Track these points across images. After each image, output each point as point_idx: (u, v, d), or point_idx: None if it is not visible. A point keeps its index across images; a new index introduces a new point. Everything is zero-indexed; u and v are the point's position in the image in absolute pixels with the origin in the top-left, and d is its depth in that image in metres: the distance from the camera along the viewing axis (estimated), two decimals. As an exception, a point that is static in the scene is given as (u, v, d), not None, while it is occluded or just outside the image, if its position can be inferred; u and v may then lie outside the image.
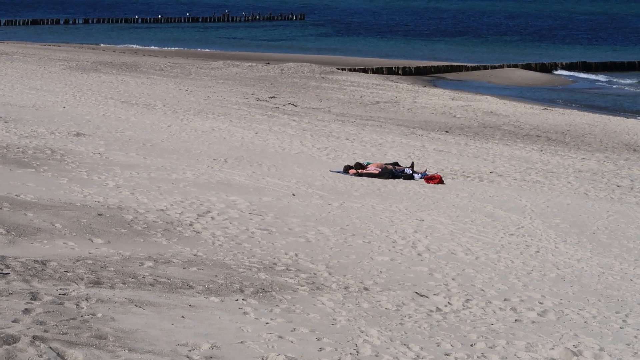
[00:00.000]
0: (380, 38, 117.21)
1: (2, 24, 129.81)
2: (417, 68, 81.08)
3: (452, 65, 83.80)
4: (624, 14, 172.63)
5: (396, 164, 32.86)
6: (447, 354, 14.93)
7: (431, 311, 17.05)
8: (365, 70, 78.45)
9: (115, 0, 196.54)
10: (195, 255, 19.18)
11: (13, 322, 13.83)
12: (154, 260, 18.34)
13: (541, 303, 18.23)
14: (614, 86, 76.16)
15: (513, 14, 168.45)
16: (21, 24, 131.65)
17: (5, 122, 35.83)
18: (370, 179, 30.97)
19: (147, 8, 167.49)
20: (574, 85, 76.75)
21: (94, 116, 40.73)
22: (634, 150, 43.35)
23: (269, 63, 79.40)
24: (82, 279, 16.47)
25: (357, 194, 28.08)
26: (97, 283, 16.35)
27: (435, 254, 21.39)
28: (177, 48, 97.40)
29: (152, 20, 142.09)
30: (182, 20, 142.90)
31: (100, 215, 21.67)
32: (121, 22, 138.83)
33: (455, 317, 16.86)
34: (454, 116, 52.40)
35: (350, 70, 78.05)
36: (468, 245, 22.51)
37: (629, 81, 79.00)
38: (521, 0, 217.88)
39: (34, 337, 13.18)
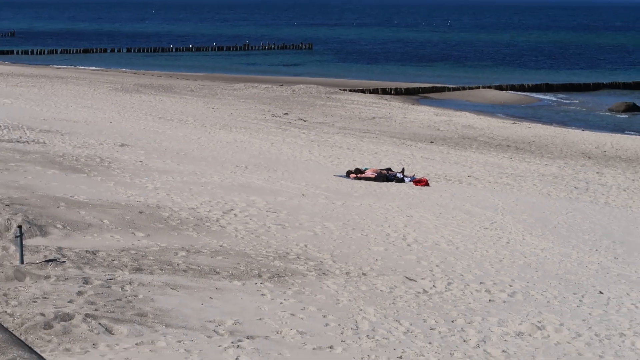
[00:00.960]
0: (376, 64, 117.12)
1: (58, 52, 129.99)
2: (407, 89, 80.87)
3: (436, 87, 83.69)
4: (579, 42, 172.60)
5: (389, 169, 32.88)
6: (432, 329, 14.97)
7: (419, 293, 17.09)
8: (363, 91, 78.26)
9: (152, 32, 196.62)
10: (221, 246, 19.24)
11: (69, 302, 13.90)
12: (187, 251, 18.40)
13: (511, 286, 18.27)
14: (572, 104, 76.08)
15: (487, 43, 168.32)
16: (74, 52, 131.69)
17: (62, 135, 35.93)
18: (367, 182, 31.00)
19: (180, 39, 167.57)
20: (538, 103, 76.63)
21: (136, 130, 40.82)
22: (589, 157, 43.34)
23: (282, 85, 79.34)
24: (126, 266, 16.53)
25: (356, 194, 28.12)
26: (138, 269, 16.41)
27: (422, 244, 21.43)
28: (205, 73, 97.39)
29: (184, 49, 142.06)
30: (210, 49, 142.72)
31: (141, 212, 21.74)
32: (158, 51, 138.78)
33: (439, 298, 16.90)
34: (438, 129, 52.41)
35: (350, 90, 77.92)
36: (450, 237, 22.54)
37: (584, 99, 79.01)
38: (493, 32, 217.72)
39: (86, 315, 13.23)
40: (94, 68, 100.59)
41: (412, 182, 31.28)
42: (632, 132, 57.43)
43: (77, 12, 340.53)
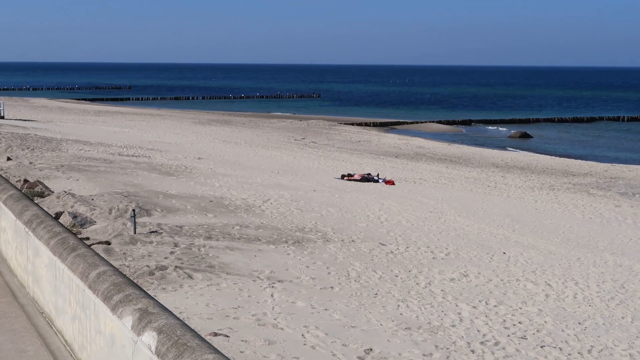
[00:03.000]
0: (360, 106, 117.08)
1: (158, 99, 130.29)
2: (381, 122, 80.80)
3: (399, 121, 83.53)
4: (487, 93, 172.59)
5: (369, 174, 32.89)
6: (396, 276, 14.97)
7: (388, 253, 17.09)
8: (352, 124, 78.21)
9: (217, 86, 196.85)
10: (261, 222, 19.25)
11: (164, 258, 13.92)
12: (240, 226, 18.41)
13: (447, 248, 18.26)
14: (485, 132, 75.94)
15: (431, 93, 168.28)
16: (168, 99, 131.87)
17: (160, 151, 36.00)
18: (355, 182, 31.01)
19: (235, 90, 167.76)
20: (463, 132, 76.50)
21: (208, 148, 40.88)
22: (497, 167, 43.29)
23: (301, 120, 79.37)
24: (201, 235, 16.55)
25: (348, 190, 28.12)
26: (209, 238, 16.43)
27: (390, 222, 21.43)
28: (251, 112, 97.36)
29: (238, 97, 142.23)
30: (254, 97, 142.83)
31: (211, 201, 21.76)
32: (222, 98, 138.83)
33: (401, 256, 16.89)
34: (400, 149, 52.39)
35: (345, 124, 77.90)
36: (408, 217, 22.53)
37: (492, 129, 78.95)
38: (435, 86, 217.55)
39: (176, 267, 13.25)
40: (180, 109, 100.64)
41: (384, 182, 31.27)
42: (524, 151, 57.33)
43: (170, 74, 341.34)
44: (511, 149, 59.52)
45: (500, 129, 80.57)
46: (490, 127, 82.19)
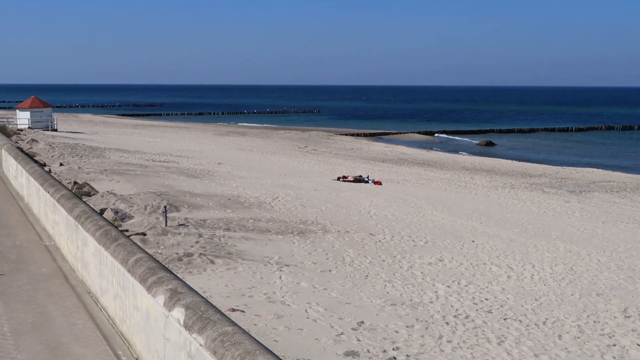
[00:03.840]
0: (352, 120, 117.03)
1: (185, 114, 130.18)
2: (370, 133, 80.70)
3: (385, 132, 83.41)
4: (457, 108, 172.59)
5: (360, 176, 32.86)
6: (383, 261, 14.95)
7: (376, 242, 17.07)
8: (346, 134, 78.10)
9: (233, 103, 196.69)
10: (271, 217, 19.23)
11: (190, 247, 13.90)
12: (253, 219, 18.40)
13: (425, 237, 18.23)
14: (456, 141, 75.88)
15: (411, 109, 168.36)
16: (193, 114, 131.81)
17: (187, 158, 35.97)
18: (349, 182, 30.98)
19: (248, 106, 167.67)
20: (438, 140, 76.44)
21: (226, 155, 40.84)
22: (466, 169, 43.25)
23: (304, 131, 79.25)
24: (221, 227, 16.53)
25: (343, 189, 28.09)
26: (228, 229, 16.41)
27: (378, 216, 21.41)
28: (263, 124, 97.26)
29: (251, 112, 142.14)
30: (265, 112, 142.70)
31: (229, 199, 21.74)
32: (238, 113, 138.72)
33: (387, 244, 16.88)
34: (386, 155, 52.34)
35: (340, 134, 77.80)
36: (393, 212, 22.51)
37: (463, 138, 78.93)
38: (413, 102, 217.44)
39: (200, 254, 13.23)
40: (203, 122, 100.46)
41: (373, 183, 31.24)
42: (489, 156, 57.30)
43: (194, 93, 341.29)
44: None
45: (469, 137, 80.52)
46: (460, 137, 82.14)
